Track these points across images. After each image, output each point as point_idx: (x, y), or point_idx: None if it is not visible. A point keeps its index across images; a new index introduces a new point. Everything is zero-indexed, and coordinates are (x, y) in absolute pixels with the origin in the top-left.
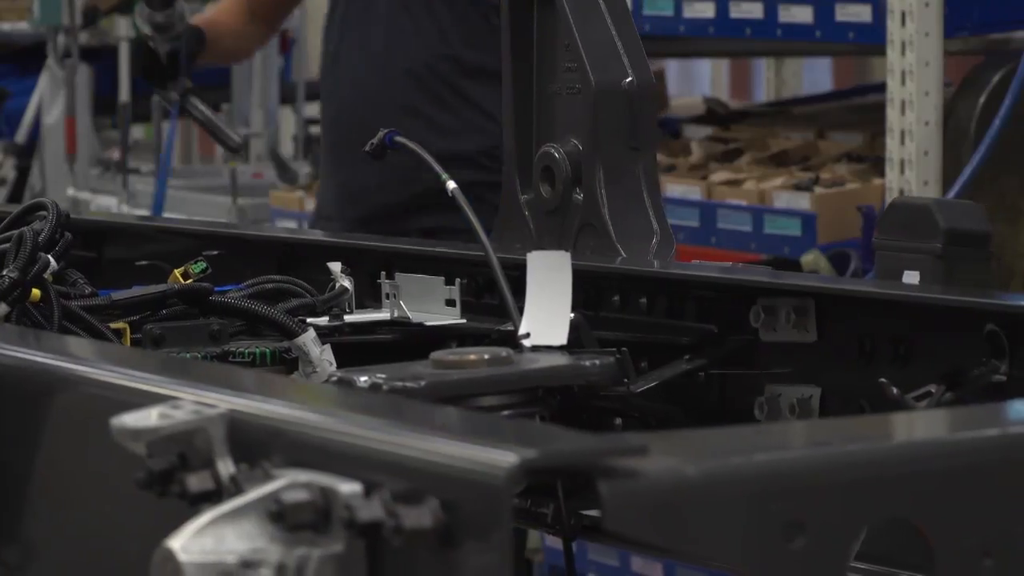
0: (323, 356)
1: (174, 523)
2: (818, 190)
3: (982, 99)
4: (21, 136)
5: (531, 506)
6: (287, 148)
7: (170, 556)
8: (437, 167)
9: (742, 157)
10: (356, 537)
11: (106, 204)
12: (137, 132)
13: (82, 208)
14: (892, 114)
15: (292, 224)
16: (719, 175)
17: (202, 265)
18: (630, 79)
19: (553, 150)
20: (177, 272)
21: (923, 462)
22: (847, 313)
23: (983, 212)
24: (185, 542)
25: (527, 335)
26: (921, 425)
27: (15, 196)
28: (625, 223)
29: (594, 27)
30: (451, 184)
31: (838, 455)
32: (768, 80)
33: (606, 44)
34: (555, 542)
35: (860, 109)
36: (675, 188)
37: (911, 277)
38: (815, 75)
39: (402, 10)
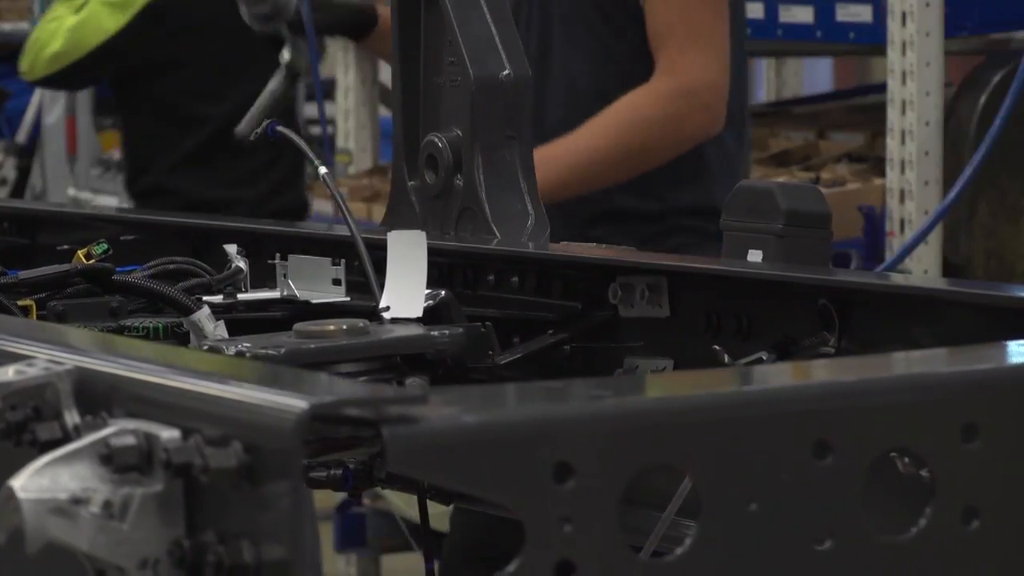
0: (217, 332)
1: None
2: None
3: (983, 99)
4: (22, 136)
5: None
6: None
7: (11, 494)
8: (311, 155)
9: None
10: (174, 477)
11: (106, 204)
12: None
13: (83, 208)
14: (892, 114)
15: None
16: None
17: (103, 247)
18: (507, 72)
19: (437, 139)
20: (80, 253)
21: (689, 414)
22: (696, 290)
23: (822, 194)
24: (24, 482)
25: (386, 308)
26: (694, 381)
27: (16, 196)
28: (501, 207)
29: (474, 24)
30: (323, 169)
31: (606, 406)
32: (768, 80)
33: (485, 40)
34: None
35: (860, 109)
36: None
37: (755, 256)
38: (815, 75)
39: None
